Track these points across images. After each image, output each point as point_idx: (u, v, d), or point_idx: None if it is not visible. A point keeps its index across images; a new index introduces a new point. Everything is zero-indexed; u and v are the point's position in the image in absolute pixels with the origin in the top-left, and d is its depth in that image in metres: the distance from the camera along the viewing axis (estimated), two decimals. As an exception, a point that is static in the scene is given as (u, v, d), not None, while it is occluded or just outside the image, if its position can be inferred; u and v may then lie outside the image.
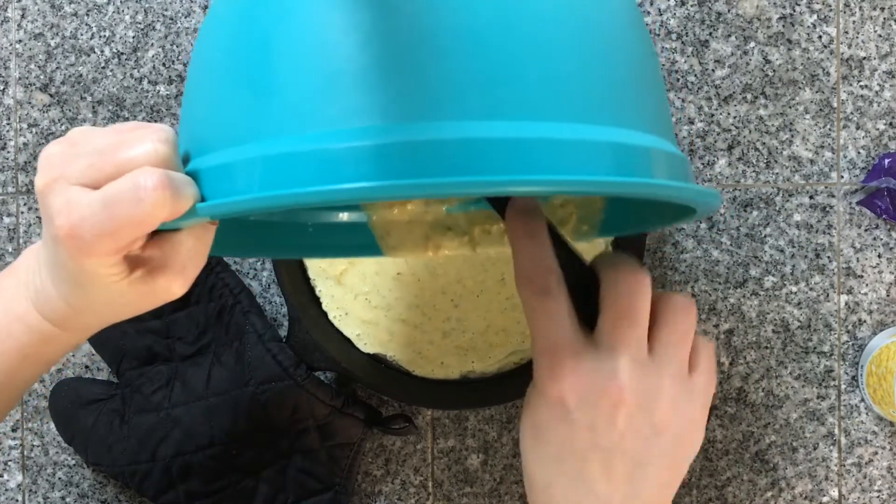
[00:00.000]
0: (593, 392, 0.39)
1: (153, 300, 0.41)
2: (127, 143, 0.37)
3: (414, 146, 0.32)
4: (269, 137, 0.34)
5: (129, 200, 0.35)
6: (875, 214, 0.66)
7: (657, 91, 0.39)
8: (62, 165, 0.37)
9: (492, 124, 0.33)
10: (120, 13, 0.68)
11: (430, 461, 0.68)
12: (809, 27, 0.66)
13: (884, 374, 0.63)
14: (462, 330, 0.63)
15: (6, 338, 0.43)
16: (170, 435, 0.64)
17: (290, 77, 0.35)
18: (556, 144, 0.33)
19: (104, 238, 0.36)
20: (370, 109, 0.33)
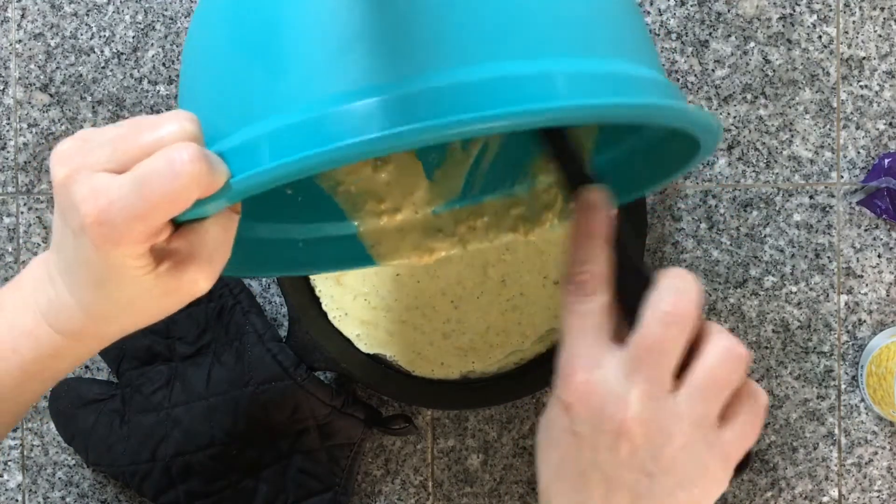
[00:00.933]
0: (600, 414, 0.37)
1: (178, 298, 0.39)
2: (150, 125, 0.35)
3: (425, 94, 0.33)
4: (284, 110, 0.34)
5: (164, 176, 0.33)
6: (875, 214, 0.66)
7: (640, 26, 0.41)
8: (81, 155, 0.35)
9: (492, 65, 0.34)
10: (120, 13, 0.68)
11: (430, 461, 0.68)
12: (809, 27, 0.66)
13: (884, 374, 0.63)
14: (462, 331, 0.63)
15: (11, 354, 0.41)
16: (170, 435, 0.64)
17: (296, 50, 0.35)
18: (560, 77, 0.34)
19: (136, 221, 0.34)
20: (380, 66, 0.34)
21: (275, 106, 0.35)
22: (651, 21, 0.67)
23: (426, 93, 0.33)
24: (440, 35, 0.35)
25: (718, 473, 0.38)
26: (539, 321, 0.63)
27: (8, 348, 0.41)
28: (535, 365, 0.63)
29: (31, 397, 0.45)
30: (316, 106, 0.34)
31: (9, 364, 0.42)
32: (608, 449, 0.37)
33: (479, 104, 0.33)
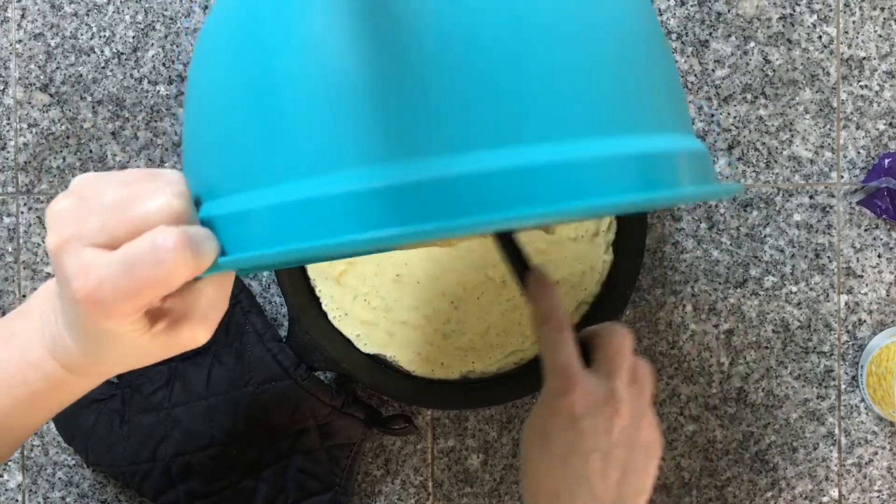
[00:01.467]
0: (597, 405, 0.47)
1: (176, 349, 0.40)
2: (139, 197, 0.36)
3: (429, 185, 0.32)
4: (281, 181, 0.33)
5: (149, 262, 0.34)
6: (875, 214, 0.66)
7: (672, 79, 0.38)
8: (73, 224, 0.36)
9: (505, 152, 0.32)
10: (120, 13, 0.68)
11: (430, 461, 0.68)
12: (809, 27, 0.66)
13: (884, 374, 0.63)
14: (462, 331, 0.63)
15: (20, 384, 0.42)
16: (170, 435, 0.64)
17: (297, 119, 0.34)
18: (575, 167, 0.32)
19: (124, 301, 0.35)
20: (381, 148, 0.32)
21: (271, 175, 0.34)
22: (651, 21, 0.67)
23: (433, 185, 0.31)
24: (452, 113, 0.32)
25: (659, 441, 0.50)
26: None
27: (18, 379, 0.42)
28: (535, 365, 0.63)
29: (36, 423, 0.46)
30: (314, 184, 0.33)
31: (18, 392, 0.43)
32: (605, 430, 0.47)
33: (492, 202, 0.31)
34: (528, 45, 0.33)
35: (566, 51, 0.34)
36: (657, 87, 0.37)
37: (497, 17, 0.33)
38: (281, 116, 0.34)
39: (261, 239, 0.34)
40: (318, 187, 0.33)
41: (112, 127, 0.68)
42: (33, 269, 0.69)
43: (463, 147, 0.32)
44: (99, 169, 0.68)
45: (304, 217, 0.33)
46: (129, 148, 0.68)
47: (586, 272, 0.63)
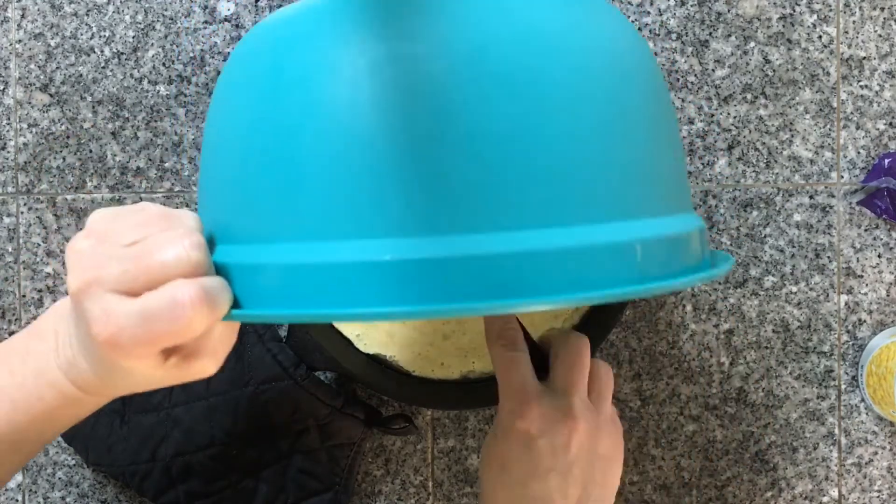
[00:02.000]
0: (554, 423, 0.47)
1: (187, 379, 0.41)
2: (158, 246, 0.37)
3: (448, 263, 0.32)
4: (298, 240, 0.34)
5: (167, 316, 0.36)
6: (875, 214, 0.66)
7: (677, 157, 0.39)
8: (94, 268, 0.37)
9: (518, 234, 0.33)
10: (120, 13, 0.68)
11: (430, 461, 0.68)
12: (809, 27, 0.66)
13: (884, 374, 0.63)
14: (462, 332, 0.63)
15: (37, 401, 0.44)
16: (170, 435, 0.64)
17: (318, 178, 0.34)
18: (578, 253, 0.33)
19: (142, 347, 0.37)
20: (396, 221, 0.33)
21: (289, 232, 0.35)
22: (651, 21, 0.67)
23: (458, 263, 0.32)
24: (473, 194, 0.33)
25: (621, 450, 0.50)
26: (539, 321, 0.63)
27: (35, 396, 0.44)
28: (535, 365, 0.64)
29: (50, 437, 0.47)
30: (330, 248, 0.34)
31: (35, 410, 0.44)
32: (563, 448, 0.47)
33: (515, 286, 0.32)
34: (540, 133, 0.34)
35: (576, 145, 0.35)
36: (664, 169, 0.38)
37: (517, 103, 0.34)
38: (305, 174, 0.35)
39: (275, 296, 0.35)
40: (334, 253, 0.34)
41: (112, 127, 0.68)
42: (33, 269, 0.69)
43: (481, 228, 0.33)
44: (99, 169, 0.68)
45: (318, 282, 0.34)
46: (129, 148, 0.68)
47: (586, 272, 0.63)
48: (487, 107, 0.34)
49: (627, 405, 0.67)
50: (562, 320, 0.63)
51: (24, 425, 0.45)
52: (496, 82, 0.34)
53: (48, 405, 0.44)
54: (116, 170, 0.68)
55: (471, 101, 0.34)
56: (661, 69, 0.67)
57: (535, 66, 0.34)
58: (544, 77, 0.34)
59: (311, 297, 0.34)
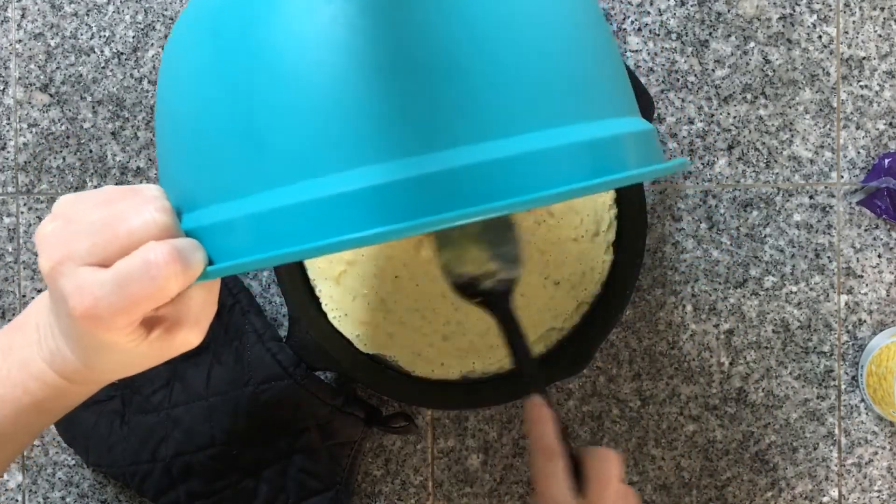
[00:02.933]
0: None
1: (172, 353, 0.41)
2: (124, 214, 0.37)
3: (409, 183, 0.33)
4: (264, 189, 0.34)
5: (141, 278, 0.35)
6: (875, 214, 0.66)
7: (615, 67, 0.41)
8: (63, 245, 0.37)
9: (479, 146, 0.34)
10: (120, 13, 0.68)
11: (430, 461, 0.68)
12: (809, 27, 0.66)
13: (884, 374, 0.63)
14: (462, 332, 0.63)
15: (22, 394, 0.44)
16: (170, 435, 0.64)
17: (277, 126, 0.34)
18: (531, 157, 0.35)
19: (121, 315, 0.36)
20: (361, 151, 0.33)
21: (254, 184, 0.35)
22: (651, 21, 0.67)
23: (427, 180, 0.33)
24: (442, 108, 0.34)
25: None
26: (539, 321, 0.63)
27: (20, 389, 0.44)
28: (535, 365, 0.64)
29: (39, 429, 0.47)
30: (293, 192, 0.34)
31: (21, 403, 0.44)
32: None
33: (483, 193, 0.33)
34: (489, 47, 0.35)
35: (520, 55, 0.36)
36: (602, 76, 0.39)
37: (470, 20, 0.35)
38: (262, 119, 0.35)
39: (246, 246, 0.35)
40: (302, 193, 0.34)
41: (112, 127, 0.68)
42: (33, 269, 0.69)
43: (442, 145, 0.34)
44: (99, 169, 0.68)
45: (290, 223, 0.33)
46: (129, 148, 0.68)
47: (586, 272, 0.63)
48: (443, 26, 0.35)
49: (627, 405, 0.67)
50: (562, 320, 0.63)
51: (11, 419, 0.44)
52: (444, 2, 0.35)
53: (35, 397, 0.43)
54: (116, 170, 0.68)
55: (426, 22, 0.34)
56: (661, 69, 0.67)
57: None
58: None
59: (285, 238, 0.34)
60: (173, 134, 0.38)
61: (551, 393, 0.67)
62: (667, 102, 0.66)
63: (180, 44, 0.38)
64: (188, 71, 0.38)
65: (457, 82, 0.34)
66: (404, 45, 0.34)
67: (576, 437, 0.67)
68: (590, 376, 0.67)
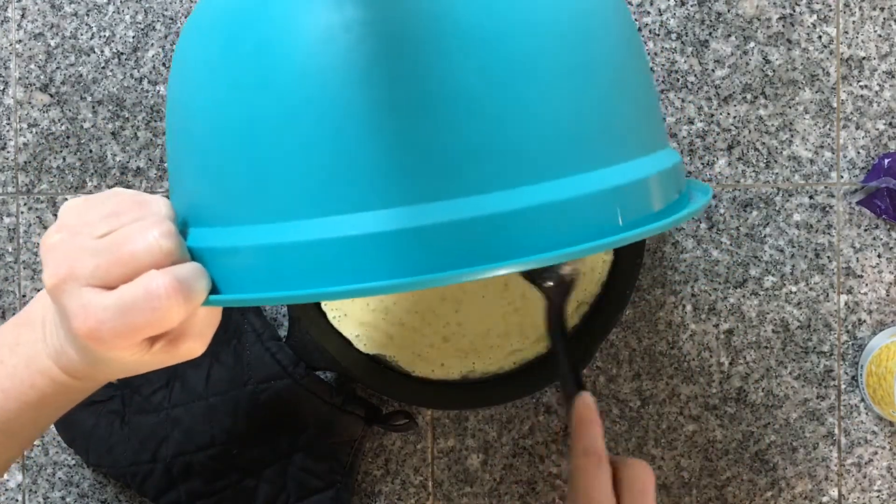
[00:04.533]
0: None
1: (176, 361, 0.42)
2: (129, 237, 0.37)
3: (422, 232, 0.32)
4: (274, 220, 0.34)
5: (143, 308, 0.36)
6: (875, 214, 0.66)
7: (650, 98, 0.39)
8: (68, 263, 0.37)
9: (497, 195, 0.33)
10: (120, 13, 0.68)
11: (430, 461, 0.68)
12: (809, 27, 0.66)
13: (884, 374, 0.63)
14: (462, 334, 0.63)
15: (29, 389, 0.44)
16: (170, 435, 0.64)
17: (287, 154, 0.34)
18: (554, 208, 0.33)
19: (122, 339, 0.37)
20: (372, 193, 0.32)
21: (264, 212, 0.34)
22: (651, 21, 0.67)
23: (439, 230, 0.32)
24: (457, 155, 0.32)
25: None
26: (540, 321, 0.63)
27: (27, 384, 0.44)
28: (535, 365, 0.64)
29: (45, 424, 0.48)
30: (310, 225, 0.33)
31: (27, 398, 0.44)
32: None
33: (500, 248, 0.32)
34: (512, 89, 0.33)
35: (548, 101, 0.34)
36: (636, 114, 0.37)
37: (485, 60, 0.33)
38: (273, 152, 0.34)
39: (253, 279, 0.35)
40: (310, 231, 0.33)
41: (112, 127, 0.68)
42: (33, 269, 0.69)
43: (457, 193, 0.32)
44: (99, 169, 0.68)
45: (296, 262, 0.33)
46: (129, 148, 0.68)
47: (586, 272, 0.63)
48: (456, 67, 0.33)
49: (627, 405, 0.67)
50: (562, 320, 0.63)
51: (15, 413, 0.45)
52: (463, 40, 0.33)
53: (40, 392, 0.44)
54: (116, 170, 0.68)
55: (439, 62, 0.33)
56: (661, 69, 0.67)
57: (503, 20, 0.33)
58: (512, 33, 0.34)
59: (290, 277, 0.33)
60: (184, 145, 0.38)
61: (550, 394, 0.67)
62: (667, 102, 0.66)
63: (196, 51, 0.38)
64: (201, 83, 0.37)
65: (476, 126, 0.33)
66: (419, 85, 0.33)
67: (576, 437, 0.67)
68: (590, 376, 0.67)
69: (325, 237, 0.32)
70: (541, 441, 0.67)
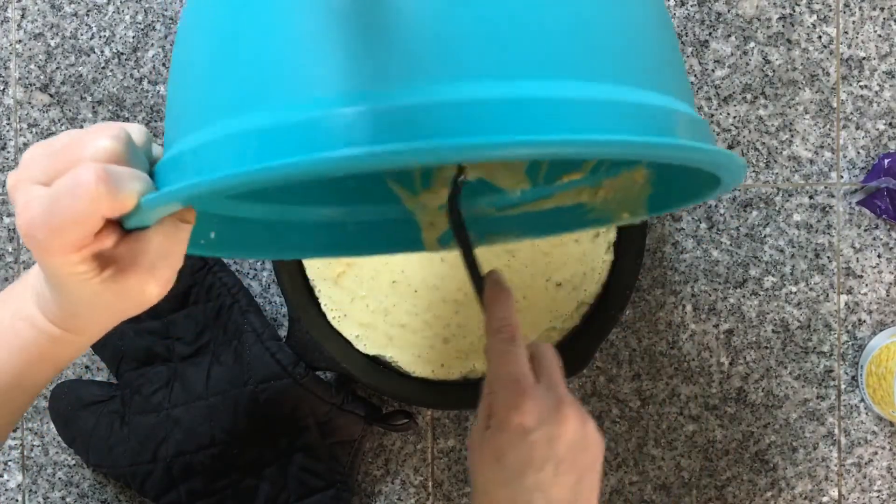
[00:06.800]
0: (548, 413, 0.48)
1: (130, 302, 0.40)
2: (82, 139, 0.36)
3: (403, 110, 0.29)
4: (236, 114, 0.32)
5: (68, 195, 0.34)
6: (875, 214, 0.66)
7: (674, 51, 0.37)
8: (25, 165, 0.37)
9: (494, 84, 0.30)
10: (120, 13, 0.68)
11: (430, 461, 0.68)
12: (809, 27, 0.66)
13: (884, 374, 0.63)
14: (463, 335, 0.63)
15: (13, 337, 0.44)
16: (170, 435, 0.64)
17: (259, 48, 0.32)
18: (574, 104, 0.30)
19: (52, 235, 0.35)
20: (354, 74, 0.30)
21: (225, 108, 0.32)
22: (651, 21, 0.67)
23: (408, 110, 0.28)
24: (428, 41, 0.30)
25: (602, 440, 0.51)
26: (541, 322, 0.63)
27: (11, 333, 0.44)
28: (535, 365, 0.64)
29: (32, 386, 0.47)
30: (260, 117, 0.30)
31: (11, 347, 0.44)
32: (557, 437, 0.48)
33: (479, 127, 0.28)
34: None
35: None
36: (658, 50, 0.35)
37: None
38: (246, 47, 0.32)
39: (187, 173, 0.33)
40: (250, 122, 0.31)
41: (112, 127, 0.68)
42: (33, 270, 0.69)
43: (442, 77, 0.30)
44: (99, 169, 0.68)
45: (226, 150, 0.31)
46: (129, 148, 0.68)
47: (587, 273, 0.63)
48: None
49: (627, 405, 0.67)
50: (562, 320, 0.63)
51: (2, 364, 0.44)
52: None
53: (25, 341, 0.43)
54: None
55: None
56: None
57: None
58: None
59: (225, 164, 0.30)
60: (176, 66, 0.37)
61: (551, 393, 0.67)
62: (667, 102, 0.66)
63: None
64: (197, 15, 0.36)
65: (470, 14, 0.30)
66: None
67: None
68: (590, 376, 0.67)
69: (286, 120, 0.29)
70: (541, 441, 0.67)
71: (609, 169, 0.50)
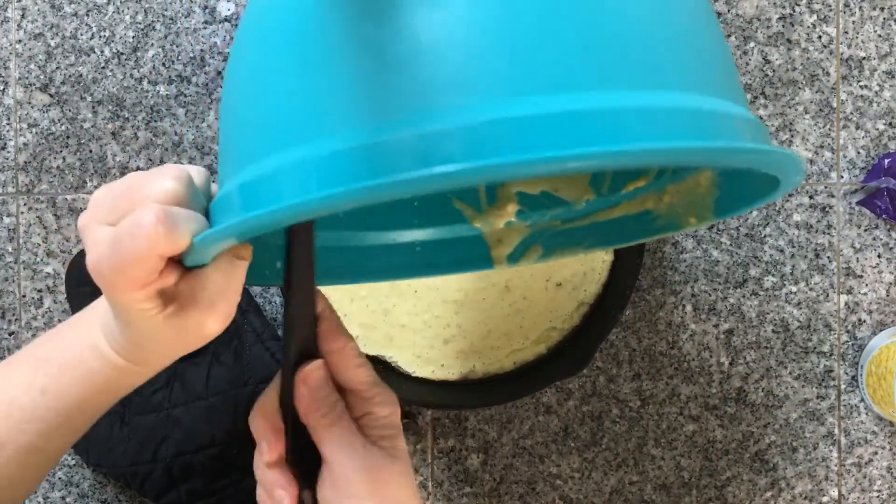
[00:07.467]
0: None
1: (191, 337, 0.41)
2: (146, 181, 0.38)
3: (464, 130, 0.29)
4: (259, 159, 0.34)
5: (129, 235, 0.36)
6: (875, 214, 0.66)
7: (726, 55, 0.36)
8: (94, 207, 0.39)
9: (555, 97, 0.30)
10: (120, 13, 0.68)
11: (430, 461, 0.68)
12: (809, 27, 0.66)
13: (884, 374, 0.63)
14: (463, 335, 0.63)
15: (79, 363, 0.45)
16: (170, 435, 0.64)
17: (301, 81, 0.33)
18: (636, 113, 0.30)
19: (116, 273, 0.37)
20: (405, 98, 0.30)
21: (252, 154, 0.34)
22: (651, 21, 0.67)
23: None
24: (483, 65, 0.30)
25: None
26: (541, 322, 0.63)
27: (77, 358, 0.45)
28: (535, 365, 0.64)
29: (93, 412, 0.48)
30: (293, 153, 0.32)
31: (77, 372, 0.45)
32: None
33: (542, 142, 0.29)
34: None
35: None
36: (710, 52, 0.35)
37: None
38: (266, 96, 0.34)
39: (234, 211, 0.34)
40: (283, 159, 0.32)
41: (112, 127, 0.68)
42: (33, 269, 0.69)
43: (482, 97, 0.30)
44: (99, 169, 0.68)
45: (267, 188, 0.32)
46: (129, 148, 0.68)
47: (587, 273, 0.63)
48: None
49: (627, 405, 0.67)
50: (562, 320, 0.63)
51: (67, 387, 0.45)
52: None
53: (90, 368, 0.44)
54: (116, 170, 0.68)
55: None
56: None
57: None
58: None
59: (268, 200, 0.32)
60: (224, 122, 0.39)
61: (550, 394, 0.67)
62: (667, 102, 0.66)
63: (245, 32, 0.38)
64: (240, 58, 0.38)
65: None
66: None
67: (576, 437, 0.67)
68: (590, 376, 0.67)
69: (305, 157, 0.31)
70: (541, 441, 0.67)
71: (673, 175, 0.50)
